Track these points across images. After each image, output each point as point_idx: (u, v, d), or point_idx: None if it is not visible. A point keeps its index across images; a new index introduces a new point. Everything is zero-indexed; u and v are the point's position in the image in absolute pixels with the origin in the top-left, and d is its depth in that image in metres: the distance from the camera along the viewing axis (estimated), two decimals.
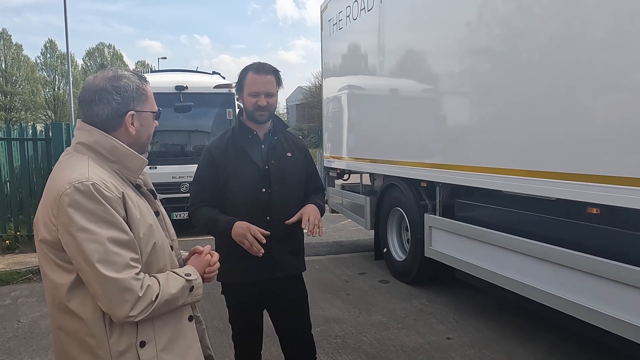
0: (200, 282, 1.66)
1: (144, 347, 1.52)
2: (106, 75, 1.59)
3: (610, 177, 2.98)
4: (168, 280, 1.55)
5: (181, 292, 1.56)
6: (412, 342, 4.24)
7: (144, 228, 1.54)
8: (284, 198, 2.54)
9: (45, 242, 1.48)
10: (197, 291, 1.63)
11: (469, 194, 4.76)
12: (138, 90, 1.60)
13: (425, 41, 5.13)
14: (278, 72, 2.58)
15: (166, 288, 1.51)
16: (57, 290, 1.49)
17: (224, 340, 4.06)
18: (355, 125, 7.01)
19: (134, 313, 1.43)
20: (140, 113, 1.62)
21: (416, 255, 5.54)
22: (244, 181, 2.52)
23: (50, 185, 1.51)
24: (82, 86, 1.63)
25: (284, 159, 2.59)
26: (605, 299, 3.11)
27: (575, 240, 3.40)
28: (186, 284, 1.59)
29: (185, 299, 1.59)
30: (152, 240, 1.56)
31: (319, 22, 8.22)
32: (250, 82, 2.52)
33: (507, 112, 3.93)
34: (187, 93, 9.08)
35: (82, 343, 1.50)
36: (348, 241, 8.52)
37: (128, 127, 1.58)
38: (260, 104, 2.50)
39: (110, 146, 1.55)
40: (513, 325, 4.51)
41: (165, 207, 1.82)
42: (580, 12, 3.25)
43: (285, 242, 2.57)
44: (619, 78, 2.99)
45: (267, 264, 2.51)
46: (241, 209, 2.51)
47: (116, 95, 1.55)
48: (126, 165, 1.58)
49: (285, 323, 2.72)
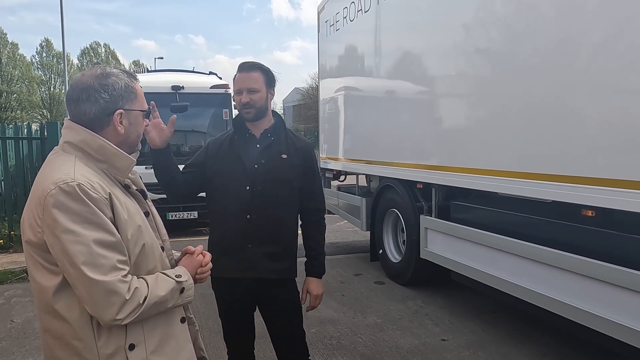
0: (191, 283, 1.63)
1: (133, 350, 1.49)
2: (94, 72, 1.56)
3: (606, 179, 2.99)
4: (157, 282, 1.51)
5: (171, 293, 1.53)
6: (407, 344, 4.23)
7: (132, 229, 1.50)
8: (267, 199, 2.50)
9: (31, 244, 1.45)
10: (187, 292, 1.60)
11: (465, 195, 4.77)
12: (127, 88, 1.57)
13: (421, 43, 5.14)
14: (266, 69, 2.57)
15: (155, 290, 1.48)
16: (43, 292, 1.46)
17: (219, 341, 4.04)
18: (351, 126, 7.01)
19: (121, 316, 1.40)
20: (129, 112, 1.58)
21: (412, 257, 5.54)
22: (228, 177, 2.52)
23: (36, 185, 1.48)
24: (70, 84, 1.60)
25: (276, 160, 2.55)
26: (600, 301, 3.11)
27: (570, 242, 3.41)
28: (176, 286, 1.55)
29: (176, 301, 1.56)
30: (141, 242, 1.53)
31: (315, 23, 8.22)
32: (236, 81, 2.56)
33: (503, 115, 3.93)
34: (184, 93, 9.07)
35: (69, 346, 1.47)
36: (344, 242, 8.52)
37: (116, 126, 1.55)
38: (243, 100, 2.50)
39: (97, 145, 1.52)
40: (508, 327, 4.51)
41: (160, 208, 1.81)
42: (578, 14, 3.25)
43: (263, 244, 2.52)
44: (615, 81, 3.00)
45: (239, 262, 2.49)
46: (222, 205, 2.53)
47: (104, 94, 1.52)
48: (114, 165, 1.55)
49: (277, 327, 2.68)
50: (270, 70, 2.59)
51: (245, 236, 2.48)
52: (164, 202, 8.35)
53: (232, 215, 2.49)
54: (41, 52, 51.74)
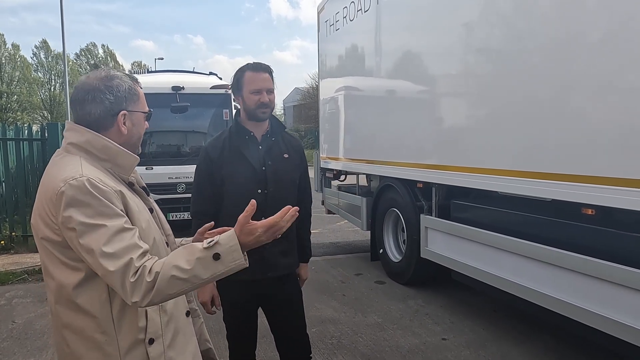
0: (233, 245, 1.45)
1: (153, 344, 1.53)
2: (99, 75, 1.60)
3: (606, 178, 2.99)
4: (179, 254, 1.44)
5: (199, 263, 1.41)
6: (408, 343, 4.24)
7: (144, 222, 1.55)
8: (280, 199, 2.53)
9: (49, 241, 1.48)
10: (230, 257, 1.44)
11: (465, 194, 4.77)
12: (130, 90, 1.61)
13: (421, 42, 5.14)
14: (273, 71, 2.63)
15: (172, 262, 1.41)
16: (63, 288, 1.48)
17: (220, 340, 4.05)
18: (351, 126, 7.01)
19: (136, 299, 1.39)
20: (132, 113, 1.62)
21: (412, 256, 5.55)
22: (240, 182, 2.54)
23: (45, 185, 1.50)
24: (74, 86, 1.64)
25: (280, 161, 2.61)
26: (600, 300, 3.12)
27: (570, 241, 3.41)
28: (204, 253, 1.42)
29: (215, 270, 1.43)
30: (152, 235, 1.57)
31: (314, 22, 8.22)
32: (249, 81, 2.54)
33: (502, 113, 3.94)
34: (184, 93, 9.07)
35: (90, 340, 1.49)
36: (344, 242, 8.52)
37: (120, 127, 1.59)
38: (263, 100, 2.53)
39: (101, 145, 1.55)
40: (509, 326, 4.51)
41: (161, 208, 1.83)
42: (578, 13, 3.25)
43: (278, 242, 2.55)
44: (615, 79, 3.00)
45: (260, 263, 2.51)
46: (236, 208, 2.52)
47: (109, 95, 1.56)
48: (118, 163, 1.58)
49: (280, 322, 2.72)
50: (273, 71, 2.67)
51: None
52: (164, 202, 8.42)
53: None
54: (38, 54, 51.72)
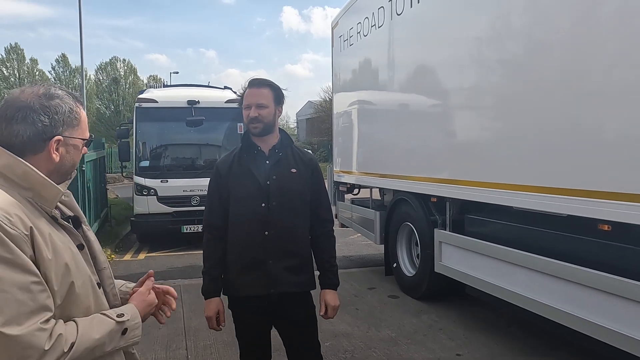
0: (138, 322, 1.45)
1: None
2: (36, 91, 1.40)
3: (622, 194, 2.97)
4: (92, 324, 1.34)
5: (109, 336, 1.35)
6: (421, 358, 4.20)
7: (58, 267, 1.31)
8: (283, 213, 2.54)
9: None
10: (132, 333, 1.42)
11: (479, 209, 4.75)
12: (70, 113, 1.42)
13: (434, 57, 5.16)
14: (276, 86, 2.63)
15: (88, 333, 1.30)
16: None
17: (233, 354, 4.06)
18: (365, 139, 7.04)
19: None
20: (69, 139, 1.43)
21: (426, 271, 5.52)
22: (243, 195, 2.56)
23: None
24: (4, 99, 1.43)
25: (287, 175, 2.60)
26: (616, 317, 3.08)
27: (586, 257, 3.38)
28: (116, 327, 1.38)
29: (117, 343, 1.38)
30: (68, 281, 1.33)
31: (325, 35, 8.44)
32: (245, 96, 2.61)
33: (517, 128, 3.93)
34: (199, 107, 9.19)
35: None
36: (357, 256, 8.50)
37: (51, 153, 1.39)
38: (252, 115, 2.55)
39: (21, 172, 1.34)
40: (523, 342, 4.46)
41: (174, 221, 1.76)
42: (594, 28, 3.25)
43: (282, 258, 2.55)
44: (632, 94, 2.98)
45: (263, 279, 2.51)
46: (240, 222, 2.56)
47: (43, 116, 1.37)
48: (40, 193, 1.36)
49: (293, 342, 2.69)
50: (280, 87, 2.65)
51: (265, 252, 2.50)
52: (178, 215, 8.45)
53: (249, 233, 2.53)
54: (57, 68, 52.55)
